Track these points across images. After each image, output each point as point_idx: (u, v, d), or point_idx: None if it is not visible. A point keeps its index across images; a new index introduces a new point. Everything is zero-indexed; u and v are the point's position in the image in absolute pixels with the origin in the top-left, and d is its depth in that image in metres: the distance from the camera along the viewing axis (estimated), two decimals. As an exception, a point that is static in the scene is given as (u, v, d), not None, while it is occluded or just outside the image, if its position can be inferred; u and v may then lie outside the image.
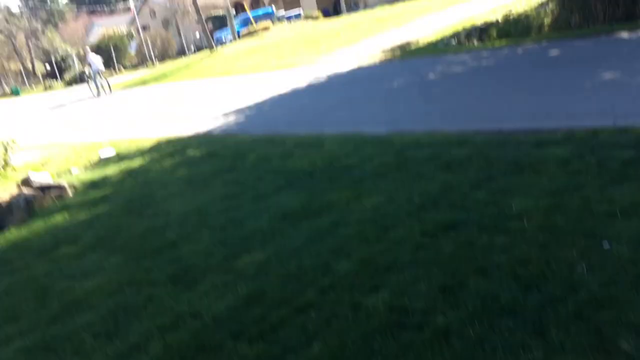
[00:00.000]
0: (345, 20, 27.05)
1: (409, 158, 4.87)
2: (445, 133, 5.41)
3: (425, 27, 16.12)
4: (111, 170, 7.29)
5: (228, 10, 30.52)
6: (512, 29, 11.99)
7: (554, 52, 8.69)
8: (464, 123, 5.74)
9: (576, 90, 5.95)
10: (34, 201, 6.11)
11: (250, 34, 29.71)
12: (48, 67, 38.71)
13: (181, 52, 36.12)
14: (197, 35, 37.38)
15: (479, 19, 14.27)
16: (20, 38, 42.46)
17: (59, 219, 5.60)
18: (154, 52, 34.42)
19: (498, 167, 4.14)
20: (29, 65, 42.73)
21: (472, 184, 3.91)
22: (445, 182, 4.09)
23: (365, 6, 33.59)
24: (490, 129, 5.21)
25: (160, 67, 28.93)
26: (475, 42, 11.97)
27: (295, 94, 10.51)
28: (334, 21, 27.87)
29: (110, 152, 8.49)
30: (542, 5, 13.26)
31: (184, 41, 36.58)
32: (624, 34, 8.58)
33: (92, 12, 53.15)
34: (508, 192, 3.62)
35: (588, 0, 10.82)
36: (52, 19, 51.02)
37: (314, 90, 10.58)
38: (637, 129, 4.23)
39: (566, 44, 9.02)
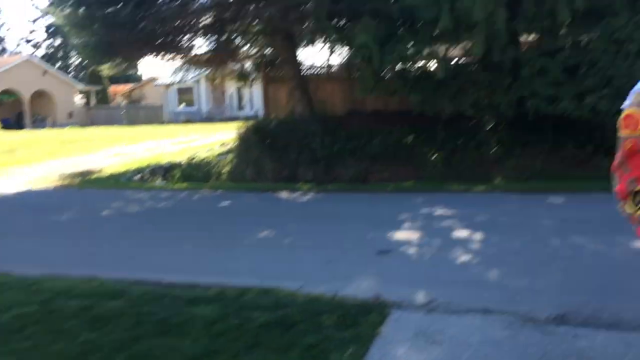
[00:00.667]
0: (28, 135, 25.11)
1: (56, 309, 4.44)
2: (104, 281, 5.16)
3: (113, 158, 15.94)
4: None
5: None
6: (195, 172, 12.67)
7: (225, 202, 9.38)
8: (128, 270, 5.58)
9: (235, 244, 6.40)
10: None
11: None
12: None
13: None
14: None
15: (166, 158, 14.75)
16: None
17: None
18: None
19: (147, 325, 4.04)
20: None
21: (115, 346, 3.70)
22: (88, 342, 3.80)
23: (54, 124, 31.94)
24: (151, 280, 5.15)
25: None
26: (158, 181, 12.23)
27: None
28: (14, 134, 25.59)
29: None
30: (223, 154, 14.46)
31: None
32: (284, 194, 9.80)
33: None
34: (149, 357, 3.52)
35: (260, 157, 12.21)
36: None
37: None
38: (278, 291, 4.66)
39: (237, 196, 9.84)
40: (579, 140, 10.56)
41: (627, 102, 1.95)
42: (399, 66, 10.47)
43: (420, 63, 10.83)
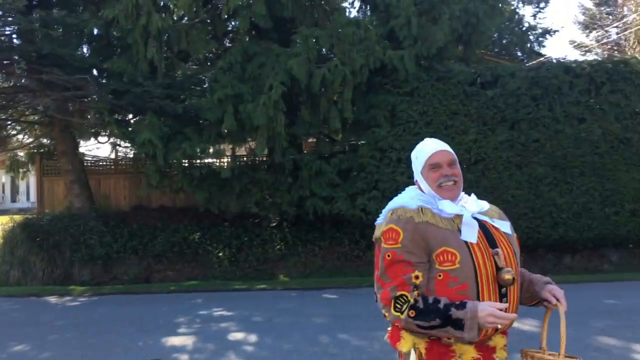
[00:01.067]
0: None
1: None
2: None
3: None
4: None
5: None
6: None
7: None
8: None
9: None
10: None
11: None
12: None
13: None
14: None
15: None
16: None
17: None
18: None
19: None
20: None
21: None
22: None
23: None
24: None
25: None
26: None
27: None
28: None
29: None
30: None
31: None
32: (54, 298, 8.82)
33: None
34: None
35: (28, 256, 10.97)
36: None
37: None
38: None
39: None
40: (354, 237, 11.41)
41: (380, 219, 2.10)
42: (184, 163, 10.43)
43: (206, 161, 10.95)
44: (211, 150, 10.61)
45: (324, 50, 10.74)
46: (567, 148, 10.21)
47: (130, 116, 11.78)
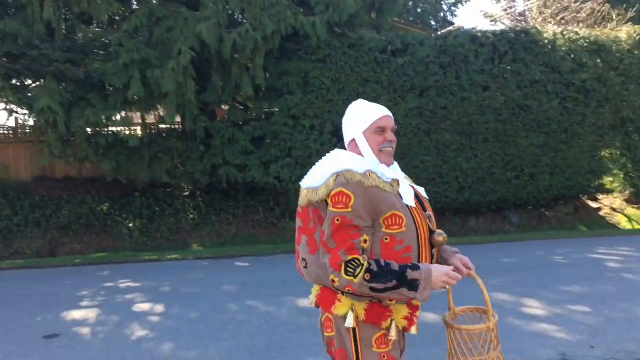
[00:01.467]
0: None
1: None
2: None
3: None
4: None
5: None
6: None
7: None
8: None
9: None
10: None
11: None
12: None
13: None
14: None
15: None
16: None
17: None
18: None
19: None
20: None
21: None
22: None
23: None
24: None
25: None
26: None
27: None
28: None
29: None
30: None
31: None
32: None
33: None
34: None
35: None
36: None
37: None
38: None
39: None
40: (268, 205, 11.41)
41: (316, 182, 2.03)
42: (89, 132, 9.94)
43: (114, 129, 10.51)
44: (118, 117, 10.17)
45: (235, 14, 10.50)
46: (473, 115, 10.59)
47: (30, 82, 11.05)
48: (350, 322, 1.98)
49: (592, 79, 10.54)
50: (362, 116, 2.12)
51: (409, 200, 2.04)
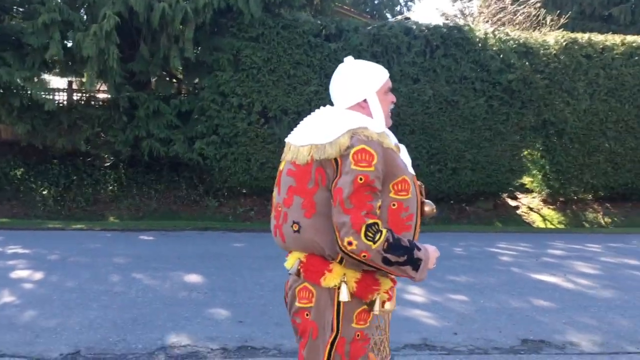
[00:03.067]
0: None
1: None
2: None
3: None
4: None
5: None
6: None
7: None
8: None
9: None
10: None
11: None
12: None
13: None
14: None
15: None
16: None
17: None
18: None
19: None
20: None
21: None
22: None
23: None
24: None
25: None
26: None
27: None
28: None
29: None
30: None
31: None
32: None
33: None
34: None
35: None
36: None
37: None
38: None
39: None
40: (192, 182, 11.22)
41: (330, 137, 1.86)
42: (2, 92, 9.52)
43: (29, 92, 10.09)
44: (35, 80, 9.77)
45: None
46: (401, 106, 10.63)
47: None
48: (345, 295, 1.85)
49: (518, 80, 10.72)
50: (374, 74, 2.02)
51: (410, 167, 1.97)
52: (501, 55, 10.76)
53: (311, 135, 1.92)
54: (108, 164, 11.53)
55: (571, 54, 11.01)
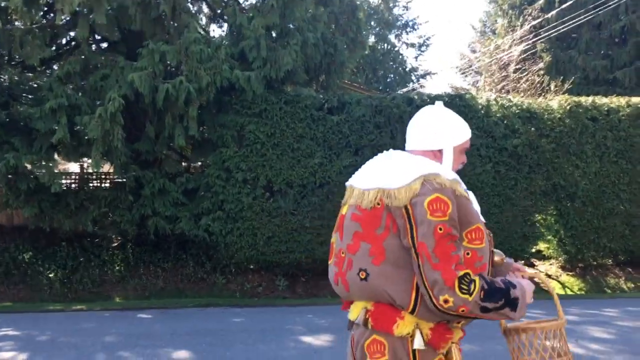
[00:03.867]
0: None
1: None
2: None
3: None
4: None
5: None
6: None
7: None
8: None
9: None
10: None
11: None
12: None
13: None
14: None
15: None
16: None
17: None
18: None
19: None
20: None
21: None
22: None
23: None
24: None
25: None
26: None
27: None
28: None
29: None
30: None
31: None
32: None
33: None
34: None
35: None
36: None
37: None
38: None
39: None
40: (199, 259, 11.09)
41: (401, 183, 1.80)
42: (10, 176, 9.69)
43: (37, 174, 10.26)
44: (42, 163, 9.94)
45: (172, 67, 10.56)
46: (407, 176, 10.54)
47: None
48: (419, 342, 1.75)
49: (524, 145, 10.63)
50: (459, 129, 2.00)
51: (480, 215, 1.90)
52: (505, 121, 10.74)
53: (378, 179, 1.86)
54: (115, 244, 11.51)
55: (576, 117, 10.95)
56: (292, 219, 10.37)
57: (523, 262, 11.68)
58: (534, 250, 11.45)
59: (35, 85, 10.12)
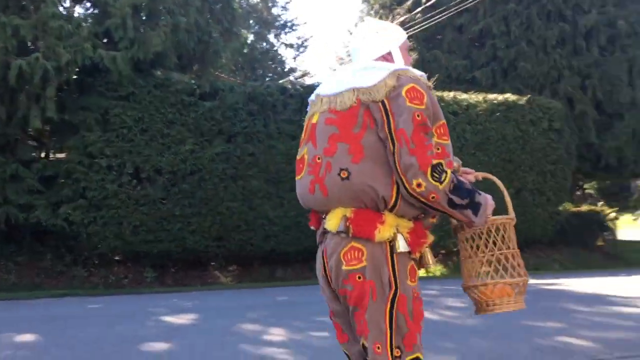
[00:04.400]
0: None
1: None
2: None
3: None
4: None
5: None
6: None
7: None
8: None
9: None
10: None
11: None
12: None
13: None
14: None
15: None
16: None
17: None
18: None
19: None
20: None
21: None
22: None
23: None
24: None
25: None
26: None
27: None
28: None
29: None
30: None
31: None
32: None
33: None
34: None
35: None
36: None
37: None
38: None
39: None
40: (58, 251, 10.31)
41: (375, 80, 1.79)
42: None
43: None
44: None
45: (28, 42, 9.76)
46: (280, 163, 10.58)
47: None
48: (403, 244, 1.75)
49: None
50: (396, 29, 2.02)
51: None
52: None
53: (351, 81, 1.84)
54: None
55: (439, 110, 11.60)
56: (161, 207, 9.99)
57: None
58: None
59: None
